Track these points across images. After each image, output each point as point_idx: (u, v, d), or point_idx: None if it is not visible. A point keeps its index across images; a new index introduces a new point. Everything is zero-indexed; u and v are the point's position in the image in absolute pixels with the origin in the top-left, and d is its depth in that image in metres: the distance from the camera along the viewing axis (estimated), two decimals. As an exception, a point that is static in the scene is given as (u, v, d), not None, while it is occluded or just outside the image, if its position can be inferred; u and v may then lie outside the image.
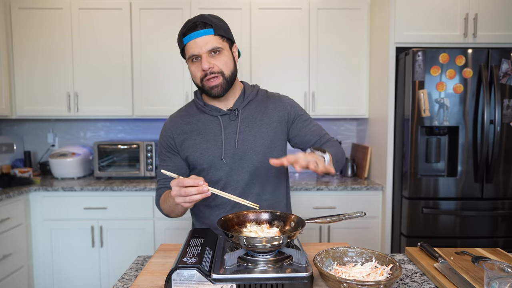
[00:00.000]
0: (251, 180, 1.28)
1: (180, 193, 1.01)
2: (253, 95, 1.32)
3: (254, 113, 1.29)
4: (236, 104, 1.29)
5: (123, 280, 1.02)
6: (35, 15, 2.71)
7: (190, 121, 1.30)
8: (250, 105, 1.30)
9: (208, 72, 1.18)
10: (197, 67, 1.20)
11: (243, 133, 1.26)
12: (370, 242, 2.57)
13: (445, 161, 2.36)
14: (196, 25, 1.17)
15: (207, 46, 1.17)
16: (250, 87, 1.34)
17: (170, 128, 1.32)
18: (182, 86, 2.77)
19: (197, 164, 1.28)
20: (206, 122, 1.29)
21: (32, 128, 3.14)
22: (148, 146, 2.76)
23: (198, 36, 1.17)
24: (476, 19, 2.35)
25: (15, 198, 2.37)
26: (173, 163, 1.32)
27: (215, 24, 1.19)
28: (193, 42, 1.17)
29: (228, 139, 1.26)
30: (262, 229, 1.06)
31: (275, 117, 1.30)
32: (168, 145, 1.32)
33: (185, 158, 1.30)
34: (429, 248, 1.14)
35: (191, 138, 1.28)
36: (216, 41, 1.18)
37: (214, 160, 1.26)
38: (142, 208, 2.52)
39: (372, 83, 2.75)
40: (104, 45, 2.74)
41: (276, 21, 2.76)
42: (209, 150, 1.26)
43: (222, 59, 1.20)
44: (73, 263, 2.55)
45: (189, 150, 1.27)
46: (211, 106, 1.29)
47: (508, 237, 2.29)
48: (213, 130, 1.27)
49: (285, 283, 0.87)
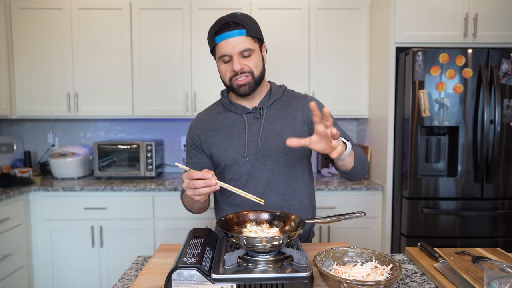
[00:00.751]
0: (273, 179, 1.27)
1: (190, 185, 1.02)
2: (279, 94, 1.32)
3: (279, 112, 1.29)
4: (262, 102, 1.29)
5: (123, 280, 1.02)
6: (35, 15, 2.71)
7: (216, 119, 1.32)
8: (275, 104, 1.31)
9: (238, 72, 1.19)
10: (227, 67, 1.21)
11: (266, 131, 1.26)
12: (370, 242, 2.57)
13: (445, 161, 2.36)
14: (228, 25, 1.17)
15: (239, 47, 1.17)
16: (277, 87, 1.35)
17: (196, 126, 1.34)
18: (182, 86, 2.77)
19: (220, 161, 1.28)
20: (231, 120, 1.30)
21: (32, 128, 3.14)
22: (148, 146, 2.76)
23: (230, 36, 1.17)
24: (476, 19, 2.35)
25: (15, 198, 2.37)
26: (198, 160, 1.34)
27: (248, 25, 1.18)
28: (225, 43, 1.17)
29: (251, 137, 1.26)
30: (262, 229, 1.06)
31: (299, 116, 1.29)
32: (194, 143, 1.34)
33: (210, 155, 1.31)
34: (429, 248, 1.14)
35: (215, 135, 1.29)
36: (248, 42, 1.18)
37: (237, 157, 1.26)
38: (142, 208, 2.52)
39: (372, 83, 2.75)
40: (104, 45, 2.74)
41: (276, 21, 2.76)
42: (232, 147, 1.26)
43: (253, 60, 1.20)
44: (73, 263, 2.55)
45: (213, 147, 1.29)
46: (237, 105, 1.29)
47: (508, 237, 2.29)
48: (237, 128, 1.28)
49: (285, 283, 0.86)
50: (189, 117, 2.85)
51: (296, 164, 1.30)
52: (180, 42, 2.74)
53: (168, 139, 3.15)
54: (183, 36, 2.73)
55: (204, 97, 2.76)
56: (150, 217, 2.53)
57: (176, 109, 2.78)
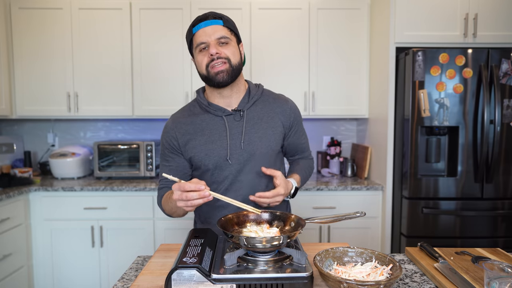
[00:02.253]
0: (257, 181, 1.28)
1: (182, 197, 1.01)
2: (258, 95, 1.31)
3: (260, 114, 1.29)
4: (241, 104, 1.28)
5: (123, 280, 1.02)
6: (35, 15, 2.71)
7: (194, 121, 1.29)
8: (255, 106, 1.29)
9: (215, 57, 1.18)
10: (203, 55, 1.20)
11: (248, 134, 1.25)
12: (370, 242, 2.57)
13: (445, 161, 2.36)
14: (206, 16, 1.21)
15: (215, 34, 1.19)
16: (255, 87, 1.33)
17: (173, 129, 1.30)
18: (182, 86, 2.77)
19: (201, 164, 1.26)
20: (211, 122, 1.27)
21: (32, 128, 3.14)
22: (148, 146, 2.76)
23: (207, 25, 1.19)
24: (476, 19, 2.35)
25: (15, 198, 2.37)
26: (175, 163, 1.31)
27: (225, 18, 1.22)
28: (202, 31, 1.19)
29: (234, 140, 1.25)
30: (262, 229, 1.06)
31: (279, 121, 1.30)
32: (171, 146, 1.30)
33: (189, 159, 1.29)
34: (429, 248, 1.14)
35: (195, 138, 1.26)
36: (224, 32, 1.20)
37: (220, 161, 1.25)
38: (142, 208, 2.52)
39: (372, 83, 2.75)
40: (104, 45, 2.74)
41: (276, 21, 2.76)
42: (215, 151, 1.25)
43: (230, 48, 1.21)
44: (73, 263, 2.55)
45: (194, 150, 1.26)
46: (215, 106, 1.27)
47: (508, 237, 2.29)
48: (218, 131, 1.26)
49: (285, 283, 0.87)
50: (189, 117, 2.85)
51: (278, 165, 1.34)
52: (180, 42, 2.74)
53: (168, 139, 3.15)
54: (183, 36, 2.73)
55: (204, 97, 2.76)
56: (150, 217, 2.53)
57: (176, 109, 2.76)
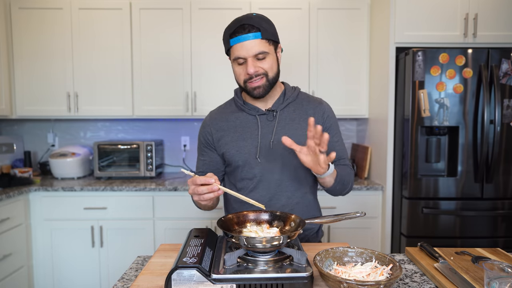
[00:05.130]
0: (284, 181, 1.29)
1: (194, 191, 1.04)
2: (293, 97, 1.33)
3: (292, 115, 1.30)
4: (275, 105, 1.30)
5: (123, 280, 1.02)
6: (35, 15, 2.71)
7: (229, 118, 1.33)
8: (289, 107, 1.31)
9: (253, 75, 1.19)
10: (242, 69, 1.21)
11: (279, 134, 1.27)
12: (370, 242, 2.57)
13: (445, 161, 2.36)
14: (243, 27, 1.17)
15: (253, 50, 1.17)
16: (291, 89, 1.35)
17: (209, 124, 1.35)
18: (182, 86, 2.77)
19: (232, 161, 1.30)
20: (244, 120, 1.31)
21: (32, 128, 3.14)
22: (148, 146, 2.76)
23: (245, 39, 1.17)
24: (476, 19, 2.35)
25: (15, 198, 2.37)
26: (209, 158, 1.35)
27: (263, 27, 1.19)
28: (240, 45, 1.17)
29: (264, 139, 1.27)
30: (262, 229, 1.06)
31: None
32: (206, 141, 1.35)
33: (221, 155, 1.33)
34: (429, 248, 1.14)
35: (228, 135, 1.30)
36: (263, 46, 1.18)
37: (249, 159, 1.27)
38: (142, 208, 2.52)
39: (372, 83, 2.75)
40: (104, 45, 2.74)
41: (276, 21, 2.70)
42: (245, 148, 1.28)
43: (268, 62, 1.21)
44: (73, 263, 2.55)
45: (226, 146, 1.30)
46: (250, 105, 1.31)
47: (508, 237, 2.29)
48: (250, 129, 1.29)
49: (285, 283, 0.86)
50: (189, 117, 2.85)
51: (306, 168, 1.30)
52: (180, 42, 2.74)
53: (168, 139, 3.15)
54: (183, 36, 2.73)
55: (204, 97, 2.76)
56: (150, 217, 2.53)
57: (176, 109, 2.78)
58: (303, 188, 1.32)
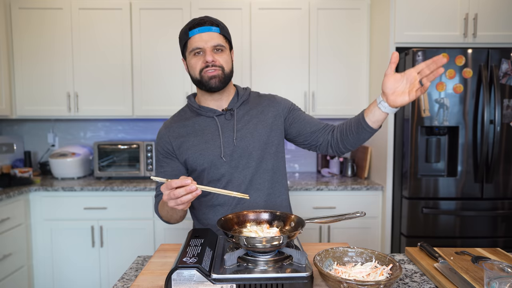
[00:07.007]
0: (254, 176, 1.29)
1: (170, 196, 0.98)
2: (246, 95, 1.35)
3: (249, 111, 1.33)
4: (231, 104, 1.32)
5: (123, 280, 1.02)
6: (35, 15, 2.71)
7: (186, 124, 1.32)
8: (244, 105, 1.34)
9: (210, 64, 1.22)
10: (198, 59, 1.24)
11: (240, 131, 1.28)
12: (370, 242, 2.57)
13: (445, 161, 2.36)
14: (203, 21, 1.23)
15: (212, 41, 1.22)
16: (242, 89, 1.38)
17: (166, 134, 1.33)
18: (182, 86, 2.77)
19: (197, 165, 1.28)
20: (203, 123, 1.30)
21: (32, 128, 3.14)
22: (148, 146, 2.76)
23: (205, 31, 1.22)
24: (476, 19, 2.35)
25: (15, 198, 2.37)
26: (171, 168, 1.32)
27: (221, 25, 1.26)
28: (199, 36, 1.22)
29: (226, 138, 1.27)
30: (262, 229, 1.06)
31: (270, 113, 1.33)
32: (165, 151, 1.32)
33: (184, 161, 1.30)
34: (429, 248, 1.14)
35: (188, 140, 1.29)
36: (220, 39, 1.24)
37: (214, 159, 1.26)
38: (142, 208, 2.52)
39: (372, 83, 2.75)
40: (104, 45, 2.74)
41: (276, 21, 2.76)
42: (208, 149, 1.27)
43: (224, 57, 1.25)
44: (73, 263, 2.55)
45: (188, 152, 1.28)
46: (207, 108, 1.31)
47: (508, 237, 2.29)
48: (211, 131, 1.29)
49: (285, 283, 0.87)
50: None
51: (277, 158, 1.33)
52: (180, 42, 2.74)
53: (168, 139, 3.15)
54: (183, 36, 2.73)
55: (204, 97, 2.76)
56: (150, 217, 2.53)
57: (176, 109, 2.72)
58: (274, 181, 1.32)
